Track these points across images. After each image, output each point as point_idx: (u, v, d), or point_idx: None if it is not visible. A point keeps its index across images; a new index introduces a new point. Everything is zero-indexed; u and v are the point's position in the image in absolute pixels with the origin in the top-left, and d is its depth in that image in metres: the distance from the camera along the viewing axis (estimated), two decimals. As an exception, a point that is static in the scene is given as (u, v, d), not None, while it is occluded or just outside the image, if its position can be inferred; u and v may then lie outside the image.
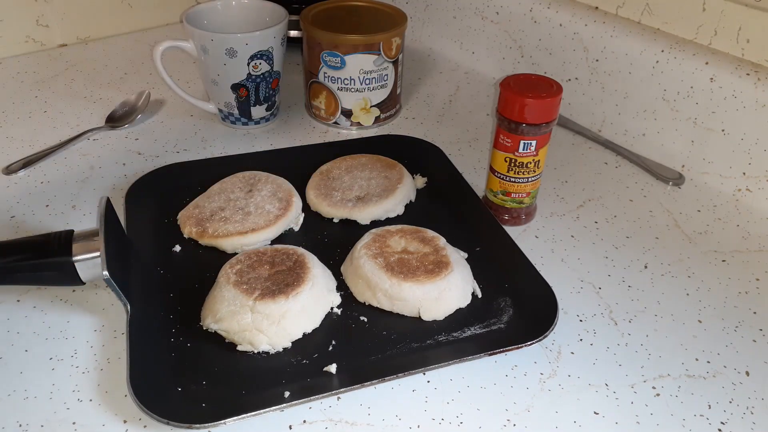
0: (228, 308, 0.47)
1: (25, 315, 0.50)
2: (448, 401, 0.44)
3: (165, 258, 0.55)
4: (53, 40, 0.91)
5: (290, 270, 0.49)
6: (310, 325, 0.48)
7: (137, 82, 0.84)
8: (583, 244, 0.59)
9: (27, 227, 0.58)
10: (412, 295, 0.49)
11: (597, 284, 0.54)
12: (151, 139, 0.72)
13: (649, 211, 0.63)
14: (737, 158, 0.65)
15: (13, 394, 0.44)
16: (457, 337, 0.48)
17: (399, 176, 0.62)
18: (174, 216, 0.59)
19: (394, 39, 0.71)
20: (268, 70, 0.71)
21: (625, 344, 0.49)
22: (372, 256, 0.51)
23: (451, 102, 0.82)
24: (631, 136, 0.73)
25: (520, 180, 0.58)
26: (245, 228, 0.55)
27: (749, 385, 0.46)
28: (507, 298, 0.52)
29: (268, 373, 0.45)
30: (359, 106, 0.74)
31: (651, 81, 0.69)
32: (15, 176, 0.65)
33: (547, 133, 0.56)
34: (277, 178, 0.62)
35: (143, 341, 0.45)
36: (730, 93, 0.63)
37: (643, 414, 0.44)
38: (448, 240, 0.54)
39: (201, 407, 0.42)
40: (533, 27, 0.80)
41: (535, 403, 0.44)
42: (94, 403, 0.43)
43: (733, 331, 0.50)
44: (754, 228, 0.61)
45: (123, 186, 0.63)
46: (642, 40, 0.69)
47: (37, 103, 0.78)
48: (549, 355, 0.48)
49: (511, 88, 0.54)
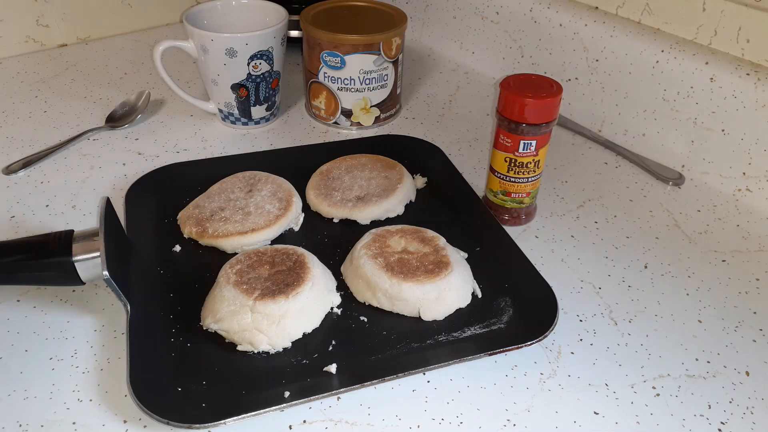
0: (228, 308, 0.47)
1: (25, 315, 0.50)
2: (448, 401, 0.44)
3: (165, 258, 0.55)
4: (53, 40, 0.91)
5: (290, 270, 0.49)
6: (310, 325, 0.48)
7: (137, 82, 0.84)
8: (583, 244, 0.59)
9: (27, 227, 0.58)
10: (412, 295, 0.49)
11: (597, 284, 0.54)
12: (151, 139, 0.72)
13: (649, 211, 0.63)
14: (737, 158, 0.65)
15: (13, 394, 0.44)
16: (457, 337, 0.48)
17: (399, 176, 0.62)
18: (174, 216, 0.59)
19: (394, 39, 0.71)
20: (268, 70, 0.71)
21: (625, 344, 0.49)
22: (372, 256, 0.51)
23: (451, 102, 0.82)
24: (631, 136, 0.73)
25: (520, 180, 0.58)
26: (245, 228, 0.55)
27: (749, 385, 0.46)
28: (507, 298, 0.52)
29: (268, 373, 0.45)
30: (359, 106, 0.74)
31: (651, 81, 0.69)
32: (15, 176, 0.65)
33: (547, 133, 0.56)
34: (277, 178, 0.62)
35: (143, 341, 0.45)
36: (730, 93, 0.63)
37: (643, 414, 0.44)
38: (448, 240, 0.54)
39: (201, 407, 0.42)
40: (533, 27, 0.80)
41: (535, 403, 0.44)
42: (94, 403, 0.43)
43: (733, 331, 0.50)
44: (754, 228, 0.62)
45: (123, 186, 0.63)
46: (642, 40, 0.69)
47: (37, 103, 0.78)
48: (549, 355, 0.48)
49: (511, 88, 0.54)
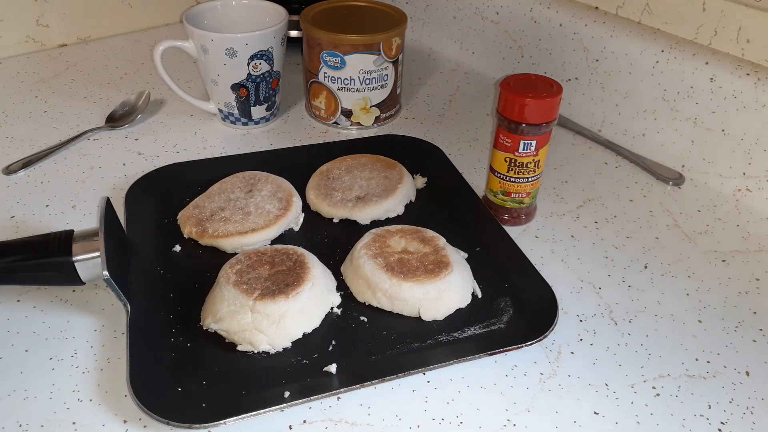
0: (228, 308, 0.47)
1: (25, 315, 0.50)
2: (448, 401, 0.44)
3: (165, 258, 0.55)
4: (53, 40, 0.91)
5: (290, 270, 0.49)
6: (310, 325, 0.48)
7: (137, 82, 0.84)
8: (583, 244, 0.59)
9: (27, 227, 0.58)
10: (412, 295, 0.49)
11: (597, 284, 0.54)
12: (151, 139, 0.72)
13: (649, 211, 0.63)
14: (737, 158, 0.65)
15: (13, 394, 0.44)
16: (457, 337, 0.48)
17: (399, 176, 0.62)
18: (174, 216, 0.59)
19: (394, 39, 0.71)
20: (268, 70, 0.71)
21: (625, 344, 0.49)
22: (372, 256, 0.51)
23: (451, 102, 0.82)
24: (631, 136, 0.73)
25: (520, 180, 0.58)
26: (245, 228, 0.55)
27: (749, 385, 0.46)
28: (507, 298, 0.52)
29: (268, 373, 0.45)
30: (359, 106, 0.74)
31: (651, 81, 0.69)
32: (15, 176, 0.65)
33: (547, 133, 0.56)
34: (277, 178, 0.62)
35: (143, 341, 0.45)
36: (730, 93, 0.63)
37: (643, 414, 0.44)
38: (448, 240, 0.54)
39: (201, 407, 0.42)
40: (533, 27, 0.80)
41: (535, 403, 0.44)
42: (94, 403, 0.43)
43: (733, 331, 0.50)
44: (754, 228, 0.61)
45: (123, 186, 0.63)
46: (642, 40, 0.69)
47: (37, 103, 0.78)
48: (549, 355, 0.48)
49: (511, 88, 0.54)
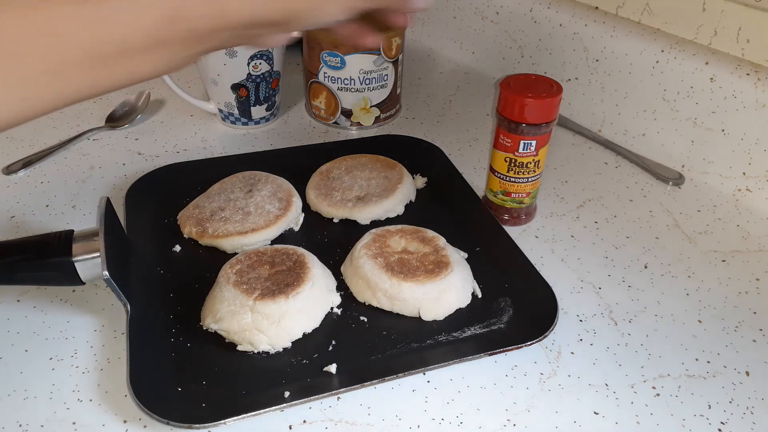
0: (228, 308, 0.47)
1: (25, 315, 0.50)
2: (448, 401, 0.44)
3: (165, 258, 0.55)
4: (53, 40, 0.90)
5: (290, 270, 0.49)
6: (310, 325, 0.48)
7: (137, 82, 0.83)
8: (583, 244, 0.59)
9: (27, 227, 0.58)
10: (412, 295, 0.49)
11: (597, 284, 0.54)
12: (151, 139, 0.72)
13: (649, 211, 0.63)
14: (737, 158, 0.64)
15: (13, 394, 0.44)
16: (457, 337, 0.48)
17: (399, 176, 0.62)
18: (174, 216, 0.59)
19: (394, 39, 0.71)
20: (268, 70, 0.71)
21: (625, 344, 0.49)
22: (372, 256, 0.51)
23: (451, 102, 0.82)
24: (631, 136, 0.73)
25: (520, 180, 0.58)
26: (245, 228, 0.55)
27: (749, 385, 0.46)
28: (507, 298, 0.52)
29: (268, 373, 0.45)
30: (359, 106, 0.74)
31: (651, 81, 0.69)
32: (15, 176, 0.65)
33: (547, 133, 0.56)
34: (277, 178, 0.62)
35: (143, 341, 0.45)
36: (730, 93, 0.63)
37: (643, 414, 0.44)
38: (448, 240, 0.54)
39: (201, 407, 0.42)
40: (533, 27, 0.79)
41: (535, 403, 0.44)
42: (94, 403, 0.43)
43: (733, 331, 0.50)
44: (754, 228, 0.61)
45: (123, 186, 0.63)
46: (642, 40, 0.69)
47: (37, 103, 0.78)
48: (549, 355, 0.48)
49: (511, 88, 0.54)
